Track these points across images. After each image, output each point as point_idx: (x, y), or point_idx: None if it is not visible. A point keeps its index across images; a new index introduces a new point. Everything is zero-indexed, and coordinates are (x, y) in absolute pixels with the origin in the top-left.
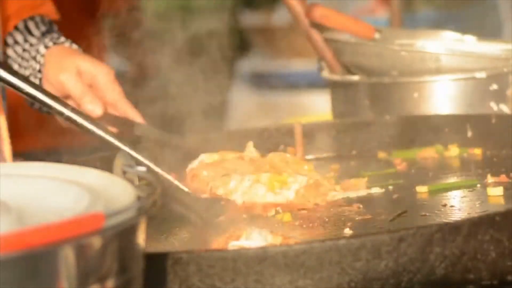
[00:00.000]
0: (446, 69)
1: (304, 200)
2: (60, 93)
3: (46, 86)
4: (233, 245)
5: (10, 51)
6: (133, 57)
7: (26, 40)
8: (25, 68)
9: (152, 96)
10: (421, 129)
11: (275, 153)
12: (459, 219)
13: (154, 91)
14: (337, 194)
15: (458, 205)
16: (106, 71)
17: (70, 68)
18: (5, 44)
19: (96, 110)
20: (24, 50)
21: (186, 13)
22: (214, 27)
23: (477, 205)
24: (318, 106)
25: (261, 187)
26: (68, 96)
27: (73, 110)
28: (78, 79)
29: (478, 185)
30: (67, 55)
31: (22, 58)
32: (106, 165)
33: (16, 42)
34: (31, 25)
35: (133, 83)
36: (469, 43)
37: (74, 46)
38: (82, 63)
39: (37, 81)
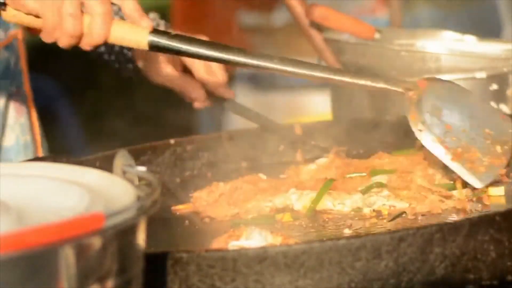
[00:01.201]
0: (446, 69)
1: None
2: None
3: None
4: (233, 245)
5: None
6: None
7: None
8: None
9: (152, 96)
10: None
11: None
12: (459, 219)
13: (153, 91)
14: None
15: (458, 205)
16: None
17: (159, 67)
18: None
19: (200, 96)
20: None
21: None
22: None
23: (477, 205)
24: (318, 106)
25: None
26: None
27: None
28: (171, 75)
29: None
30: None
31: None
32: (106, 165)
33: None
34: None
35: (131, 83)
36: (469, 43)
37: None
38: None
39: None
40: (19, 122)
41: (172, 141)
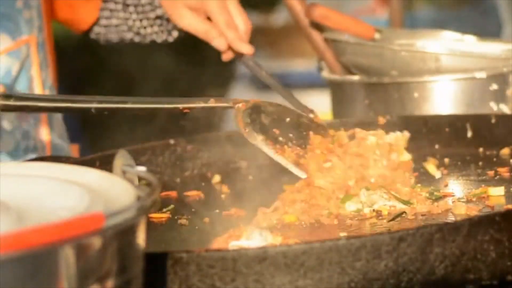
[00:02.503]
0: (446, 69)
1: None
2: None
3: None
4: (233, 245)
5: (111, 5)
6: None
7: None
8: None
9: (152, 95)
10: (421, 129)
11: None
12: (459, 219)
13: (154, 90)
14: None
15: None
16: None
17: (183, 12)
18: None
19: (221, 45)
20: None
21: None
22: None
23: (477, 205)
24: (318, 106)
25: None
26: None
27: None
28: (194, 19)
29: (480, 185)
30: None
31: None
32: (106, 165)
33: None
34: None
35: (132, 81)
36: (469, 43)
37: None
38: (188, 1)
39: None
40: (21, 128)
41: (172, 141)
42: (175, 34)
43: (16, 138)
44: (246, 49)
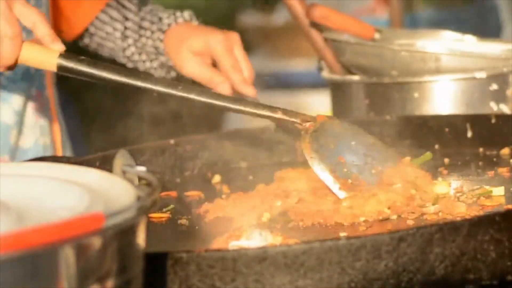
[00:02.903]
0: (446, 69)
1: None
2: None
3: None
4: (233, 245)
5: (109, 28)
6: None
7: (125, 17)
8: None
9: (151, 95)
10: (421, 129)
11: None
12: (459, 219)
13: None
14: None
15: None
16: (216, 41)
17: (187, 57)
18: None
19: (225, 90)
20: (126, 28)
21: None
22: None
23: (477, 205)
24: (318, 106)
25: None
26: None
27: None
28: (198, 66)
29: (480, 185)
30: (179, 41)
31: (134, 39)
32: (106, 165)
33: (112, 18)
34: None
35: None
36: (469, 43)
37: (180, 19)
38: (193, 45)
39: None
40: (39, 124)
41: (172, 141)
42: (173, 73)
43: (35, 134)
44: (251, 92)
